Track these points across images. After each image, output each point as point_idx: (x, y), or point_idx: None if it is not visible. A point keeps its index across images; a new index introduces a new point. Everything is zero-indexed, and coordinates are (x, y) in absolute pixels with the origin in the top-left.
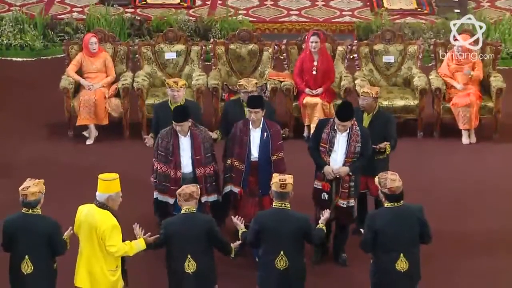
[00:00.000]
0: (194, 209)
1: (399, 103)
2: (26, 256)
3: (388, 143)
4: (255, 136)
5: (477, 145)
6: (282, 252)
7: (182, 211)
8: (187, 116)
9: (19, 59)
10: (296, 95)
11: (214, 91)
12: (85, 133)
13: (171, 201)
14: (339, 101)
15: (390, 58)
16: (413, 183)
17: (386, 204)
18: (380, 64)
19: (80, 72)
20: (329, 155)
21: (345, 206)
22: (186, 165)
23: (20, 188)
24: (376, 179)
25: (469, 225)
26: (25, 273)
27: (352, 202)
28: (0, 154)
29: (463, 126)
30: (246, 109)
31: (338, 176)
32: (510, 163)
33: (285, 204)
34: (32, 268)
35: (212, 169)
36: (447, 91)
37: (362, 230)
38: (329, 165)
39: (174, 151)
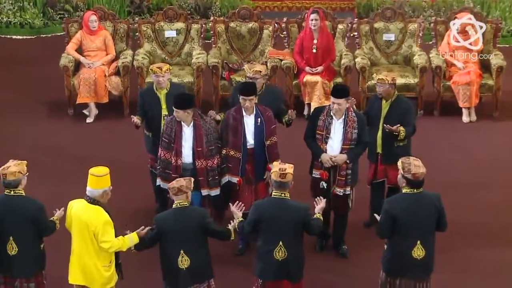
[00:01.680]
0: (186, 203)
1: (399, 81)
2: (11, 238)
3: (402, 127)
4: (249, 123)
5: (477, 123)
6: (281, 243)
7: (174, 206)
8: (188, 105)
9: (19, 37)
10: (296, 74)
11: (214, 70)
12: (85, 111)
13: None
14: (339, 79)
15: (391, 36)
16: None
17: (405, 190)
18: (381, 42)
19: (80, 50)
20: (326, 143)
21: (341, 194)
22: (187, 155)
23: (1, 168)
24: (399, 163)
25: (469, 204)
26: (11, 254)
27: (349, 190)
28: (0, 131)
29: (463, 104)
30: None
31: (335, 163)
32: (510, 141)
33: (284, 194)
34: (17, 249)
35: (215, 162)
36: (447, 69)
37: (376, 216)
38: (326, 152)
39: (176, 139)
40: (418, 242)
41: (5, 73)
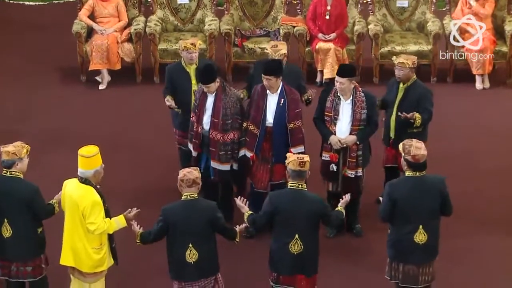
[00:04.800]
0: (196, 195)
1: (413, 48)
2: (5, 220)
3: (418, 114)
4: (272, 101)
5: (490, 90)
6: (297, 236)
7: (183, 198)
8: (215, 77)
9: (31, 3)
10: (309, 40)
11: (226, 36)
12: (97, 78)
13: (193, 153)
14: (352, 47)
15: (404, 3)
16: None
17: (408, 173)
18: (394, 8)
19: (92, 16)
20: (335, 124)
21: (353, 176)
22: (206, 123)
23: (1, 145)
24: (400, 145)
25: (482, 171)
26: (5, 236)
27: (360, 172)
28: (13, 98)
29: (477, 71)
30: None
31: (345, 145)
32: None
33: (301, 185)
34: (11, 231)
35: (230, 137)
36: (461, 36)
37: (381, 199)
38: (335, 134)
39: (200, 107)
40: (420, 226)
41: (18, 39)
